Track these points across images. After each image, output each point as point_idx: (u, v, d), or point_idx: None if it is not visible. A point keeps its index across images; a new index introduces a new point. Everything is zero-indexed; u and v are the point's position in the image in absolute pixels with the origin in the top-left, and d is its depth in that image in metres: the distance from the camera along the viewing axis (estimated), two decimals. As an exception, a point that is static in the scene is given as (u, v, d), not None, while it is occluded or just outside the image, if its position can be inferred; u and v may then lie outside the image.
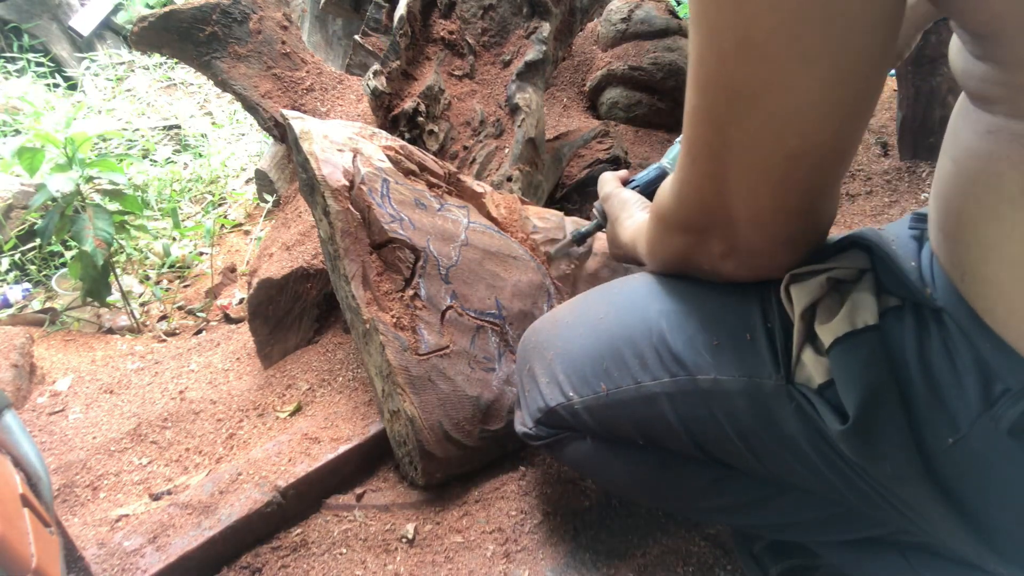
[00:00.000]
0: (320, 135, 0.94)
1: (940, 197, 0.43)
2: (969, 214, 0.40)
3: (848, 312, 0.46)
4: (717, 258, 0.50)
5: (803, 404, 0.48)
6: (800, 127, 0.39)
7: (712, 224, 0.48)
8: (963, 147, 0.40)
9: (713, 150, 0.43)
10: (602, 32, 2.08)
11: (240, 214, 2.23)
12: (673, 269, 0.60)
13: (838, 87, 0.37)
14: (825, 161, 0.41)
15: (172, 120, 2.98)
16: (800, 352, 0.48)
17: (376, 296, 0.89)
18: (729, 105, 0.40)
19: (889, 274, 0.46)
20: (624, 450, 0.63)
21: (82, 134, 1.49)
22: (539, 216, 1.07)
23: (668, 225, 0.54)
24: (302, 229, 1.27)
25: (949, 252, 0.43)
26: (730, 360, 0.52)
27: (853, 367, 0.45)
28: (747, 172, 0.42)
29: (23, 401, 1.25)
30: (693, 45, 0.40)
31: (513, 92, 1.27)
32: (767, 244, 0.47)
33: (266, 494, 0.84)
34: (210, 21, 1.36)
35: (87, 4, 3.60)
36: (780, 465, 0.53)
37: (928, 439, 0.43)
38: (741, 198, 0.44)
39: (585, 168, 1.60)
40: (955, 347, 0.42)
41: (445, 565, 0.77)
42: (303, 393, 1.10)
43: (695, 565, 0.74)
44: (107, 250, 1.46)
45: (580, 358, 0.63)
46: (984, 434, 0.41)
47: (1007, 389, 0.40)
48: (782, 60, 0.36)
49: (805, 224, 0.46)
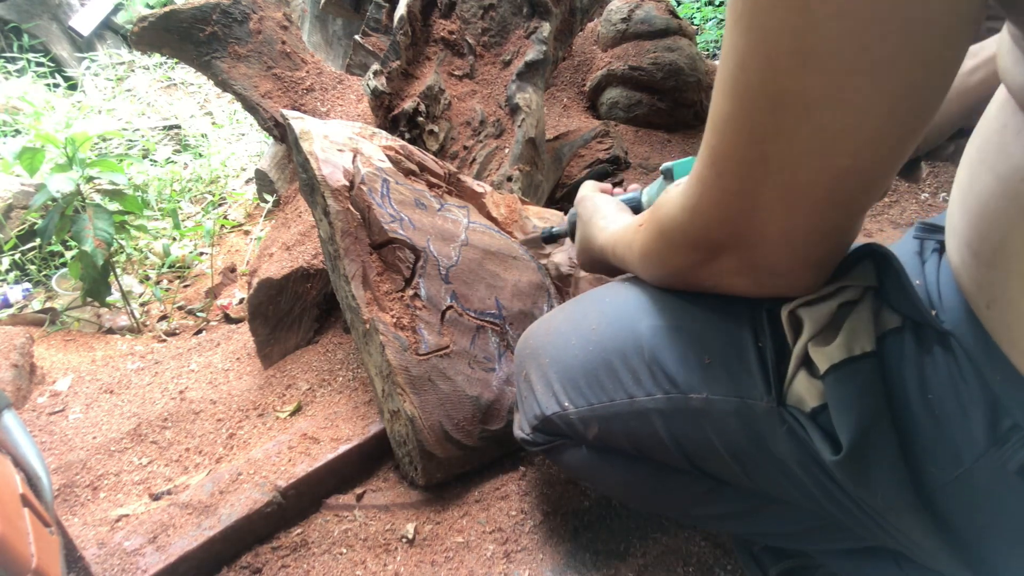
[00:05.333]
0: (320, 135, 0.94)
1: (975, 215, 0.39)
2: (1017, 244, 0.36)
3: (846, 337, 0.44)
4: (728, 275, 0.47)
5: (795, 427, 0.46)
6: (853, 145, 0.35)
7: (731, 241, 0.44)
8: (1015, 166, 0.36)
9: (746, 164, 0.39)
10: (602, 32, 2.08)
11: (240, 214, 2.23)
12: (667, 283, 0.57)
13: (903, 103, 0.33)
14: (872, 181, 0.38)
15: (172, 120, 2.98)
16: (794, 375, 0.47)
17: (376, 296, 0.88)
18: (774, 117, 0.36)
19: (897, 292, 0.44)
20: (619, 459, 0.63)
21: (82, 134, 1.49)
22: (539, 216, 1.07)
23: (674, 242, 0.49)
24: (302, 229, 1.27)
25: (978, 276, 0.39)
26: (721, 379, 0.50)
27: (848, 396, 0.43)
28: (785, 191, 0.38)
29: (23, 401, 1.25)
30: (732, 46, 0.36)
31: (513, 92, 1.27)
32: (793, 265, 0.44)
33: (266, 494, 0.84)
34: (210, 21, 1.36)
35: (87, 4, 3.60)
36: (772, 484, 0.52)
37: (928, 470, 0.42)
38: (773, 218, 0.40)
39: (585, 168, 1.60)
40: (961, 375, 0.40)
41: (445, 565, 0.77)
42: (303, 393, 1.10)
43: (695, 565, 0.74)
44: (107, 250, 1.46)
45: (574, 368, 0.62)
46: (990, 470, 0.39)
47: (1016, 425, 0.38)
48: (845, 72, 0.32)
49: (838, 243, 0.43)
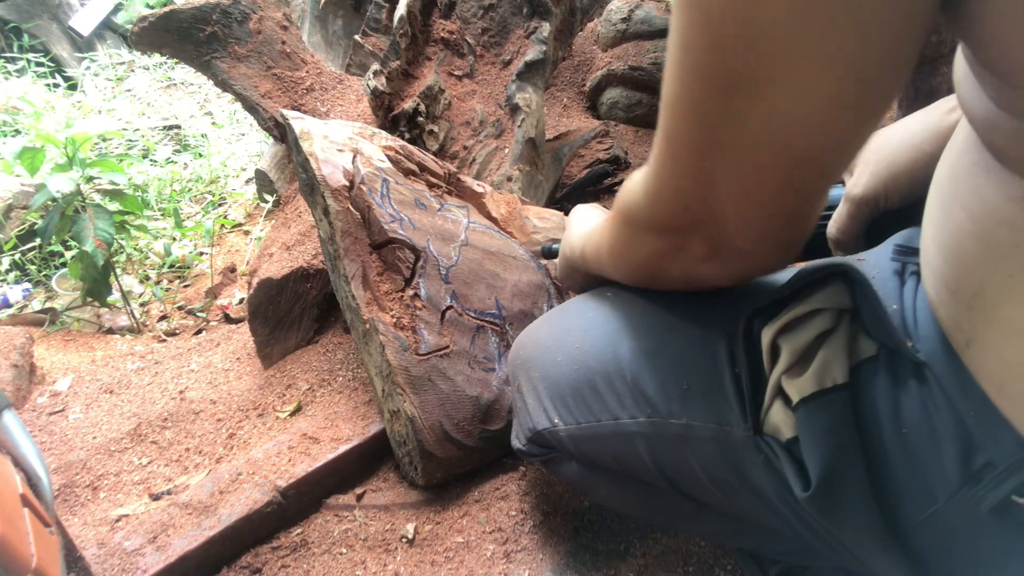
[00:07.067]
0: (320, 135, 0.94)
1: (951, 254, 0.37)
2: (995, 290, 0.35)
3: (817, 368, 0.42)
4: (696, 260, 0.46)
5: (771, 457, 0.45)
6: (807, 130, 0.34)
7: (694, 225, 0.43)
8: (989, 209, 0.34)
9: (699, 148, 0.37)
10: (602, 32, 2.08)
11: (240, 214, 2.23)
12: (638, 276, 0.55)
13: (856, 87, 0.32)
14: (829, 166, 0.37)
15: (172, 120, 2.97)
16: (770, 405, 0.45)
17: (376, 296, 0.88)
18: (723, 99, 0.34)
19: (872, 318, 0.43)
20: (609, 475, 0.63)
21: (82, 134, 1.49)
22: (539, 216, 1.07)
23: (638, 226, 0.48)
24: (302, 229, 1.27)
25: (956, 316, 0.38)
26: (700, 405, 0.50)
27: (818, 431, 0.42)
28: (740, 175, 0.37)
29: (23, 401, 1.25)
30: (676, 26, 0.34)
31: (513, 92, 1.27)
32: (757, 245, 0.43)
33: (266, 494, 0.84)
34: (210, 21, 1.36)
35: (87, 4, 3.60)
36: (752, 512, 0.51)
37: (902, 507, 0.41)
38: (731, 201, 0.39)
39: (585, 168, 1.60)
40: (935, 408, 0.39)
41: (445, 565, 0.77)
42: (303, 393, 1.10)
43: (695, 565, 0.74)
44: (107, 250, 1.46)
45: (562, 386, 0.62)
46: (963, 510, 0.38)
47: (989, 463, 0.36)
48: (794, 54, 0.31)
49: (800, 224, 0.42)
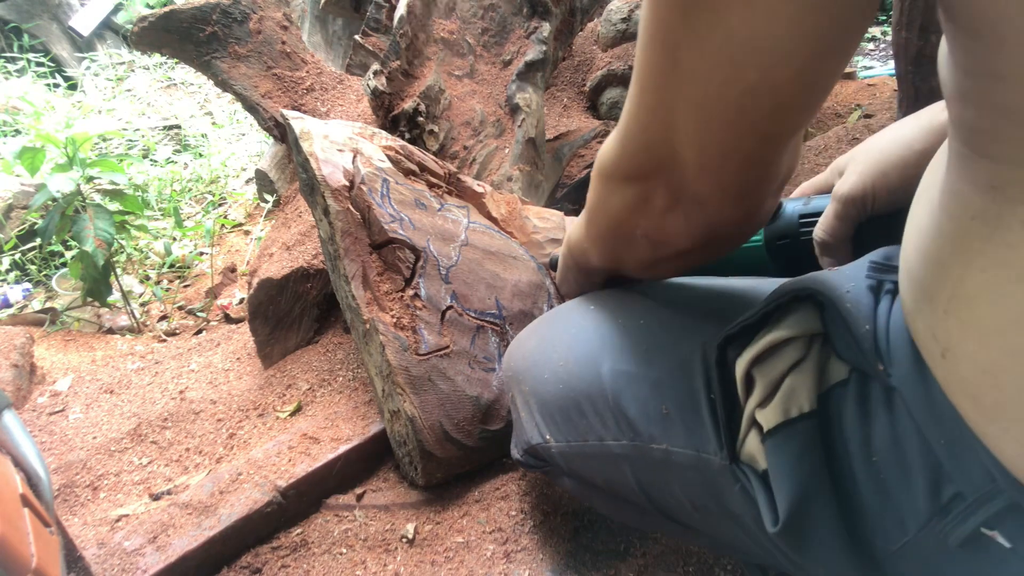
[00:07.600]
0: (320, 135, 0.94)
1: (931, 259, 0.36)
2: (971, 289, 0.33)
3: (783, 397, 0.41)
4: (660, 214, 0.46)
5: (747, 486, 0.45)
6: (761, 58, 0.34)
7: (657, 168, 0.43)
8: (963, 204, 0.33)
9: (663, 77, 0.38)
10: (602, 32, 2.08)
11: (240, 214, 2.23)
12: (609, 240, 0.55)
13: (810, 14, 0.32)
14: (786, 105, 0.36)
15: (172, 120, 2.97)
16: (746, 434, 0.45)
17: (376, 296, 0.88)
18: (684, 20, 0.34)
19: (842, 341, 0.41)
20: (603, 492, 0.63)
21: (83, 134, 1.49)
22: (539, 216, 1.07)
23: (609, 175, 0.49)
24: (302, 229, 1.27)
25: (933, 323, 0.36)
26: (679, 431, 0.49)
27: (784, 463, 0.41)
28: (697, 106, 0.37)
29: (23, 401, 1.25)
30: None
31: (513, 92, 1.27)
32: (715, 192, 0.42)
33: (266, 494, 0.84)
34: (210, 21, 1.36)
35: (87, 4, 3.60)
36: (733, 538, 0.51)
37: (875, 538, 0.40)
38: (688, 136, 0.39)
39: (585, 168, 1.60)
40: (904, 435, 0.38)
41: (445, 565, 0.77)
42: (303, 393, 1.10)
43: (695, 565, 0.74)
44: (107, 250, 1.46)
45: (550, 403, 0.61)
46: (933, 541, 0.37)
47: (959, 494, 0.35)
48: None
49: (759, 174, 0.42)
